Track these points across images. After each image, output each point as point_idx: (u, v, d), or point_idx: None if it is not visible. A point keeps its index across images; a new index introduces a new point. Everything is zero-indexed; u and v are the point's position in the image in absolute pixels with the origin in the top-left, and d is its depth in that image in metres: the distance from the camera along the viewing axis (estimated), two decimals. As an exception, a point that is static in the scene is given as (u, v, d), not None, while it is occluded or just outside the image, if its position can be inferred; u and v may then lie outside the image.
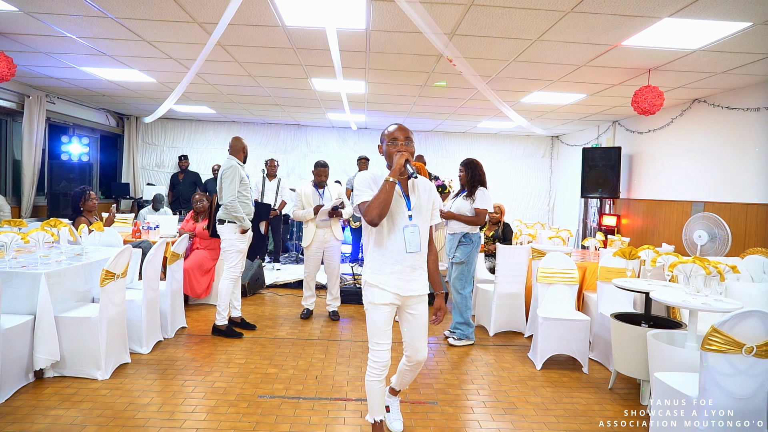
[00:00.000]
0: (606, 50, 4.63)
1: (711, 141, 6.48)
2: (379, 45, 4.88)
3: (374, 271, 2.81)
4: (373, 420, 2.97)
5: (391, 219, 2.78)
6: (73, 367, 3.83)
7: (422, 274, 2.86)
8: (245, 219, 4.86)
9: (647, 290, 3.80)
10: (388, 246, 2.78)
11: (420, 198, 2.83)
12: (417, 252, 2.78)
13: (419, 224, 2.79)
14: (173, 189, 10.00)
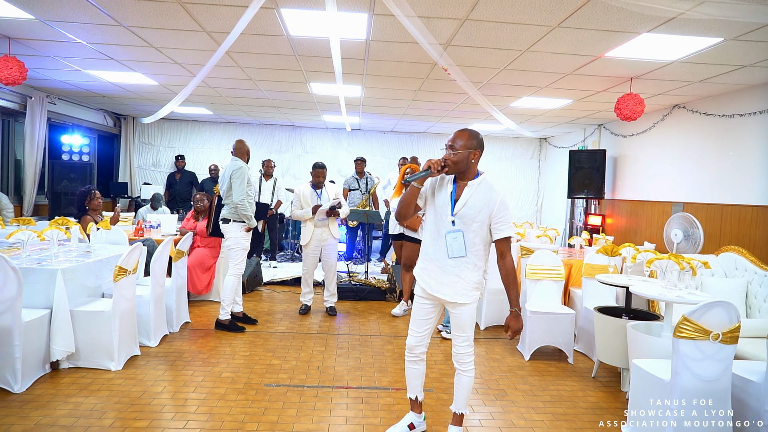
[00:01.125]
0: (590, 61, 4.93)
1: (690, 145, 6.82)
2: (378, 53, 5.13)
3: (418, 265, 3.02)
4: (408, 397, 3.20)
5: (435, 222, 2.87)
6: (87, 359, 4.04)
7: (460, 281, 2.82)
8: (252, 218, 5.09)
9: (627, 285, 4.09)
10: (427, 244, 2.93)
11: (468, 206, 2.79)
12: (460, 257, 2.78)
13: (464, 230, 2.77)
14: (170, 188, 10.17)
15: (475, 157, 2.83)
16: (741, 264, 4.72)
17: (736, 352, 3.67)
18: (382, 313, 6.17)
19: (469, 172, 2.86)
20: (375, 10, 3.91)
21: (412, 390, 3.17)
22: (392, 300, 6.77)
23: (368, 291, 6.81)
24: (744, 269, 4.67)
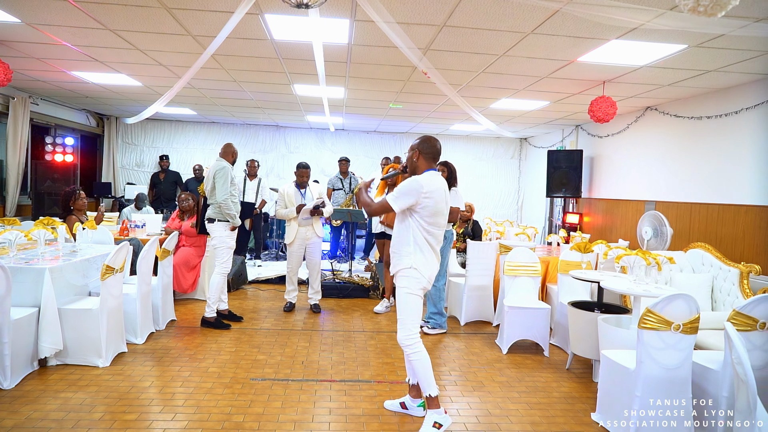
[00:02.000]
0: (564, 65, 5.13)
1: (661, 146, 7.08)
2: (360, 57, 5.27)
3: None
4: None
5: None
6: (75, 356, 4.11)
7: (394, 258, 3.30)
8: (236, 217, 5.19)
9: (598, 280, 4.29)
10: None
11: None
12: None
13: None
14: (154, 188, 10.19)
15: (417, 157, 3.26)
16: (707, 260, 4.94)
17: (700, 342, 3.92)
18: (365, 310, 6.31)
19: (417, 170, 3.28)
20: (356, 16, 4.06)
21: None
22: (375, 297, 6.91)
23: (352, 288, 6.95)
24: (710, 265, 4.89)
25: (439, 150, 3.30)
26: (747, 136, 5.61)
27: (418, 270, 3.18)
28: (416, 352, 3.20)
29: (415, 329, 3.23)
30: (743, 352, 2.51)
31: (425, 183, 3.12)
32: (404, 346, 3.23)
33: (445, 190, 3.24)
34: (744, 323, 3.13)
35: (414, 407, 3.48)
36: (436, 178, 3.21)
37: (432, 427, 3.15)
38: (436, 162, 3.34)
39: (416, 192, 3.10)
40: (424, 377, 3.20)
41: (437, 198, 3.15)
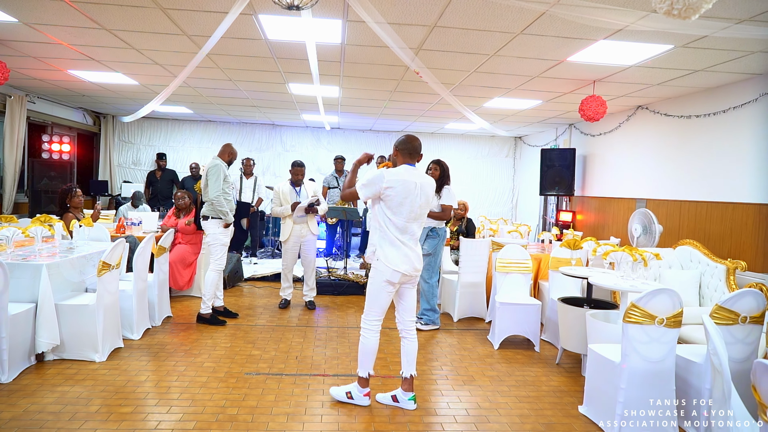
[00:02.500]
0: (554, 65, 5.21)
1: (652, 144, 7.17)
2: (353, 56, 5.34)
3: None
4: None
5: None
6: (71, 351, 4.18)
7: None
8: (229, 214, 5.25)
9: (587, 276, 4.37)
10: None
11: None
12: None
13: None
14: (150, 186, 10.24)
15: (396, 154, 3.53)
16: (695, 257, 5.02)
17: (687, 337, 4.01)
18: (359, 307, 6.38)
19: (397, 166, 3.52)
20: (348, 17, 4.12)
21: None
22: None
23: (347, 286, 7.01)
24: (698, 261, 4.98)
25: (415, 147, 3.50)
26: (736, 135, 5.70)
27: (381, 262, 3.39)
28: (365, 336, 3.53)
29: (372, 316, 3.51)
30: (719, 344, 2.59)
31: (387, 175, 3.33)
32: (361, 328, 3.56)
33: (417, 183, 3.38)
34: (726, 317, 3.21)
35: (405, 400, 3.58)
36: (406, 171, 3.40)
37: (344, 393, 3.59)
38: (415, 158, 3.51)
39: (377, 183, 3.32)
40: (361, 358, 3.54)
41: (400, 190, 3.31)
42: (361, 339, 3.53)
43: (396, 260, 3.37)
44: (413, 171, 3.43)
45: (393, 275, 3.38)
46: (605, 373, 3.45)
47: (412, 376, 3.59)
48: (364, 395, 3.55)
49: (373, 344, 3.51)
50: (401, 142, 3.51)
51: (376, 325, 3.51)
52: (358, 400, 3.56)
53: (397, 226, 3.38)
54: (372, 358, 3.53)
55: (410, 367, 3.59)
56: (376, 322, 3.51)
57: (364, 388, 3.55)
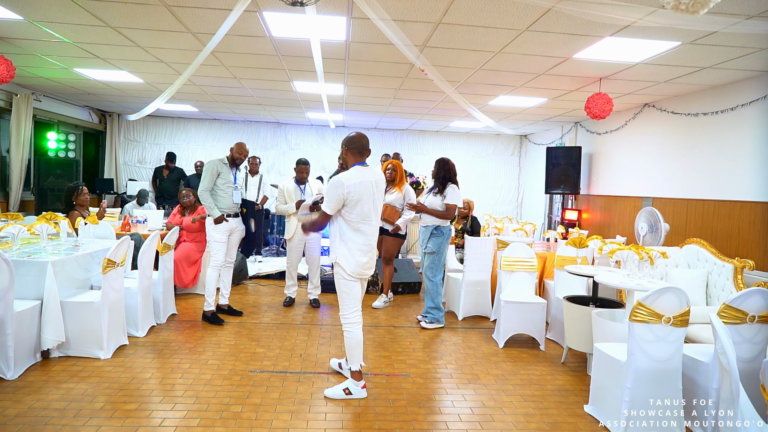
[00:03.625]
0: (560, 62, 5.17)
1: (659, 142, 7.11)
2: (358, 54, 5.32)
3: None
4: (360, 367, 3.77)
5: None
6: (76, 348, 4.18)
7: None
8: (213, 209, 5.18)
9: (592, 274, 4.34)
10: None
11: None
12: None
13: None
14: (157, 183, 10.26)
15: (345, 153, 3.61)
16: (702, 255, 4.98)
17: (694, 336, 3.97)
18: (363, 305, 6.23)
19: (348, 165, 3.61)
20: (353, 14, 4.11)
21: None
22: (374, 293, 6.96)
23: (351, 284, 6.98)
24: (705, 260, 4.93)
25: (363, 144, 3.57)
26: (743, 133, 5.64)
27: (340, 264, 3.55)
28: (348, 331, 3.63)
29: (348, 310, 3.63)
30: (727, 343, 2.56)
31: (345, 179, 3.41)
32: (342, 324, 3.66)
33: (372, 182, 3.50)
34: (734, 316, 3.18)
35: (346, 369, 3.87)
36: (361, 171, 3.50)
37: (342, 390, 3.63)
38: (365, 155, 3.59)
39: (339, 191, 3.39)
40: (350, 352, 3.65)
41: (359, 191, 3.41)
42: (346, 335, 3.64)
43: (354, 261, 3.53)
44: (366, 170, 3.55)
45: (350, 276, 3.56)
46: (611, 372, 3.42)
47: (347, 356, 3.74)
48: (361, 387, 3.65)
49: (360, 336, 3.64)
50: (350, 140, 3.58)
51: (357, 317, 3.64)
52: (357, 393, 3.63)
53: (359, 230, 3.51)
54: (361, 349, 3.66)
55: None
56: (356, 314, 3.64)
57: (359, 381, 3.66)
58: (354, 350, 3.64)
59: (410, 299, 6.88)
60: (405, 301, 6.72)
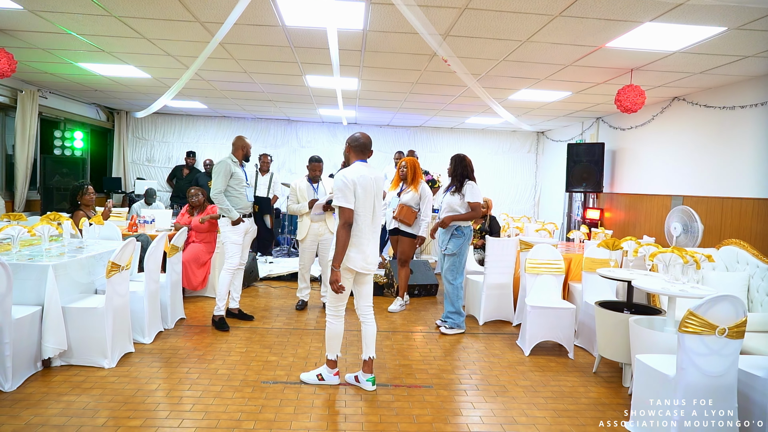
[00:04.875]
0: (591, 51, 4.86)
1: (690, 138, 6.77)
2: (375, 44, 5.04)
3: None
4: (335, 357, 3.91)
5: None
6: (79, 356, 3.96)
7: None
8: (231, 211, 4.97)
9: (629, 279, 4.03)
10: None
11: None
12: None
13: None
14: (174, 180, 10.06)
15: (348, 151, 3.75)
16: (742, 257, 4.67)
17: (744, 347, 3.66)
18: (379, 309, 6.10)
19: (350, 163, 3.72)
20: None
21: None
22: (390, 295, 6.71)
23: (366, 286, 6.73)
24: (745, 263, 4.62)
25: (366, 144, 3.70)
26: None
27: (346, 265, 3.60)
28: (331, 323, 3.75)
29: (335, 303, 3.72)
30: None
31: (348, 174, 3.52)
32: (327, 315, 3.77)
33: (372, 178, 3.61)
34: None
35: (364, 381, 3.80)
36: (363, 168, 3.61)
37: (315, 376, 3.84)
38: (366, 154, 3.71)
39: (350, 187, 3.49)
40: (328, 342, 3.78)
41: (363, 184, 3.53)
42: (328, 326, 3.75)
43: (352, 258, 3.58)
44: (368, 167, 3.66)
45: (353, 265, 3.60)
46: (656, 387, 3.12)
47: (371, 359, 3.81)
48: (334, 374, 3.82)
49: (340, 329, 3.76)
50: (354, 139, 3.71)
51: (341, 312, 3.75)
52: (329, 380, 3.82)
53: (359, 221, 3.56)
54: (339, 341, 3.79)
55: (369, 350, 3.82)
56: (341, 308, 3.74)
57: (333, 369, 3.83)
58: (333, 340, 3.77)
59: (427, 302, 6.61)
60: (422, 304, 6.46)
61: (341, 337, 3.80)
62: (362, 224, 3.58)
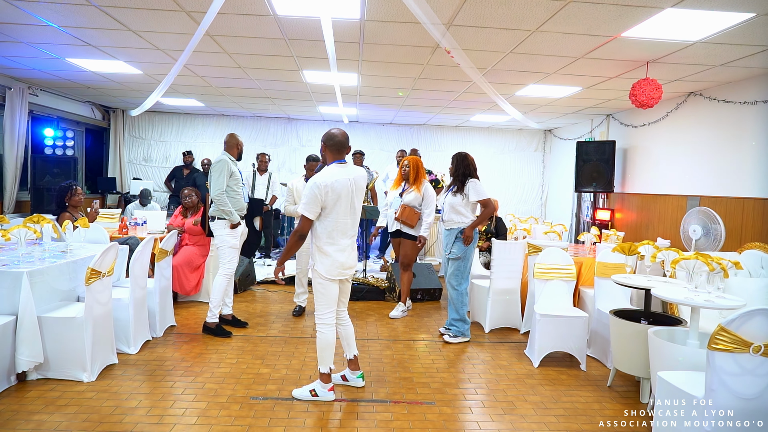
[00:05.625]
0: (605, 42, 4.54)
1: (707, 135, 6.43)
2: (374, 35, 4.75)
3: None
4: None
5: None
6: (57, 369, 3.70)
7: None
8: (233, 213, 4.74)
9: (648, 287, 3.73)
10: None
11: None
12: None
13: None
14: (173, 181, 9.80)
15: (324, 150, 3.48)
16: (767, 262, 4.36)
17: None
18: (380, 315, 5.83)
19: (327, 162, 3.48)
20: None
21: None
22: (392, 300, 6.42)
23: (366, 290, 6.46)
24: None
25: (342, 141, 3.44)
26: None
27: (317, 270, 3.42)
28: (321, 332, 3.49)
29: (323, 310, 3.47)
30: None
31: (320, 180, 3.26)
32: (316, 324, 3.51)
33: (351, 179, 3.38)
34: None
35: (354, 378, 3.75)
36: (339, 169, 3.36)
37: (308, 392, 3.56)
38: (343, 152, 3.46)
39: (316, 194, 3.26)
40: (321, 354, 3.51)
41: (337, 189, 3.29)
42: (319, 336, 3.50)
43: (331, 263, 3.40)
44: (345, 167, 3.42)
45: (331, 275, 3.42)
46: (680, 408, 2.82)
47: (355, 356, 3.75)
48: (328, 390, 3.54)
49: (332, 338, 3.51)
50: (328, 137, 3.46)
51: (332, 319, 3.50)
52: (324, 396, 3.54)
53: (330, 227, 3.37)
54: (332, 352, 3.53)
55: (352, 349, 3.74)
56: (331, 315, 3.49)
57: (327, 383, 3.55)
58: (325, 351, 3.51)
59: (430, 307, 6.33)
60: (425, 310, 6.17)
61: (334, 347, 3.53)
62: (338, 231, 3.40)
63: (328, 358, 3.52)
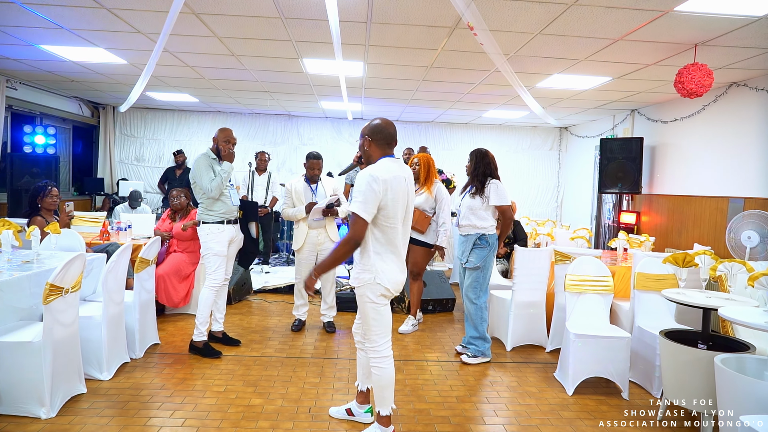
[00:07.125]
0: (653, 18, 3.91)
1: (753, 129, 5.78)
2: (383, 14, 4.16)
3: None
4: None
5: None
6: (9, 404, 3.12)
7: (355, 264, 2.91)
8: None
9: (713, 306, 3.13)
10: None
11: None
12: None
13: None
14: (166, 183, 9.22)
15: (368, 145, 2.92)
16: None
17: None
18: (389, 330, 5.23)
19: (371, 160, 2.92)
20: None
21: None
22: (400, 311, 5.83)
23: (373, 302, 5.86)
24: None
25: (391, 133, 2.92)
26: None
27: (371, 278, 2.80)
28: (379, 366, 2.89)
29: (380, 340, 2.90)
30: None
31: (378, 173, 2.73)
32: (371, 358, 2.93)
33: (405, 178, 2.86)
34: None
35: (361, 413, 3.26)
36: (391, 165, 2.84)
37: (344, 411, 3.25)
38: (392, 147, 2.94)
39: (375, 190, 2.70)
40: (379, 394, 2.94)
41: (395, 188, 2.77)
42: (375, 371, 2.90)
43: (390, 272, 2.82)
44: (399, 164, 2.91)
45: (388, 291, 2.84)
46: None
47: (369, 389, 3.26)
48: None
49: (392, 373, 2.94)
50: (374, 130, 2.90)
51: (390, 350, 2.94)
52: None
53: (388, 234, 2.81)
54: (392, 389, 2.96)
55: (369, 380, 3.20)
56: (389, 345, 2.93)
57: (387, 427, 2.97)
58: (385, 391, 2.91)
59: (443, 319, 5.74)
60: (437, 322, 5.59)
61: (394, 383, 2.96)
62: (395, 237, 2.84)
63: (389, 397, 2.95)
